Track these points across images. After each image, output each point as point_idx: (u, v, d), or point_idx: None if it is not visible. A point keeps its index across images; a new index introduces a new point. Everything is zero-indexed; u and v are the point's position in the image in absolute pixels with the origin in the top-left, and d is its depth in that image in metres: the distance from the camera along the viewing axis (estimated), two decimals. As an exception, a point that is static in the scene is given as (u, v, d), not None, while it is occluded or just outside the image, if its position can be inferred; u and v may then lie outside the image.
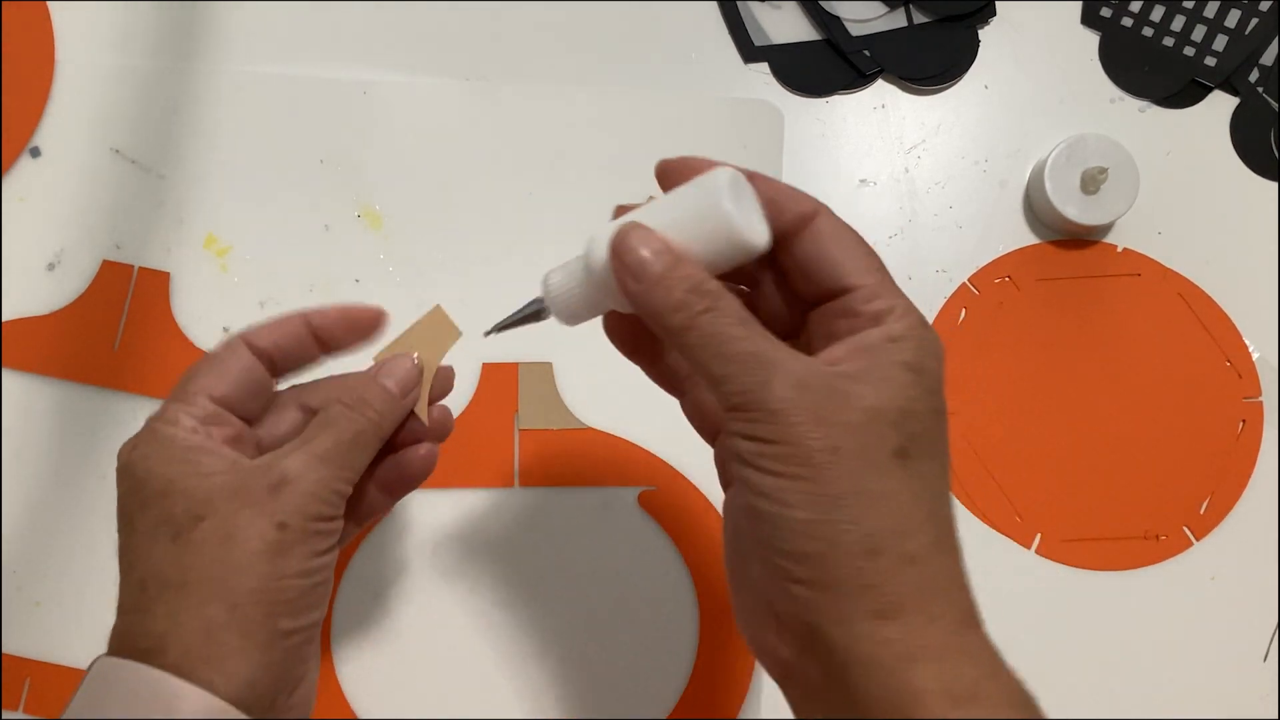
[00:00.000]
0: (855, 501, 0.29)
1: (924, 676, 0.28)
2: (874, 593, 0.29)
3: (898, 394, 0.30)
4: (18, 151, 0.54)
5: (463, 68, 0.56)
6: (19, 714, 0.50)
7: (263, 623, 0.33)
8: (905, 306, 0.31)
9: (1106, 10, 0.58)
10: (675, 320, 0.31)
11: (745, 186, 0.32)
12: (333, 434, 0.36)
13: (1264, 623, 0.53)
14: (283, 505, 0.34)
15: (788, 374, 0.29)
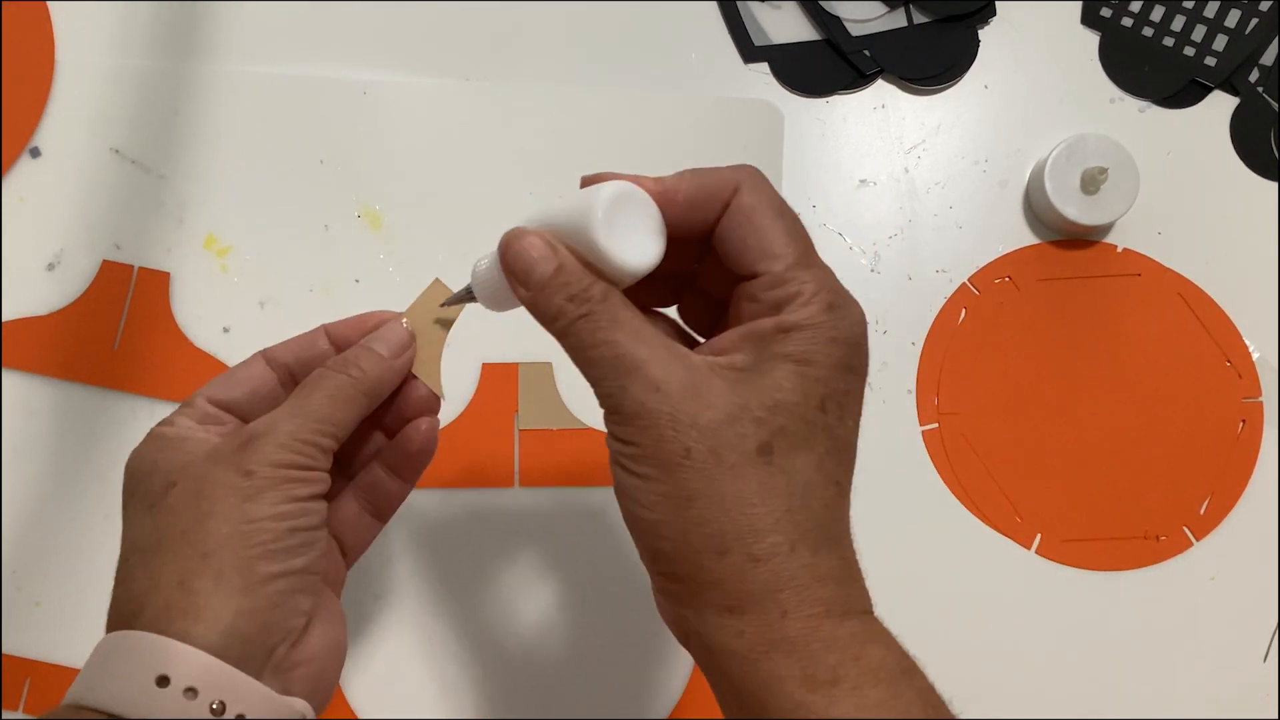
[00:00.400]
0: (703, 502, 0.29)
1: (780, 665, 0.29)
2: (722, 589, 0.30)
3: (769, 388, 0.30)
4: (18, 151, 0.54)
5: (463, 68, 0.56)
6: (19, 714, 0.50)
7: (238, 567, 0.32)
8: (812, 292, 0.31)
9: (1106, 10, 0.58)
10: (555, 327, 0.32)
11: (636, 203, 0.32)
12: (305, 393, 0.36)
13: (1264, 623, 0.53)
14: (250, 456, 0.33)
15: (645, 378, 0.30)
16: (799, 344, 0.31)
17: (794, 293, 0.31)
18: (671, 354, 0.31)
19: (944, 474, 0.54)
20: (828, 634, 0.30)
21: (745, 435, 0.30)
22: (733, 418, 0.30)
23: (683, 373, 0.30)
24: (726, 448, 0.30)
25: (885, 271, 0.55)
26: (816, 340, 0.31)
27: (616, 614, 0.51)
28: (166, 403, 0.52)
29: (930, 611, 0.51)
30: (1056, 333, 0.55)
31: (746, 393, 0.30)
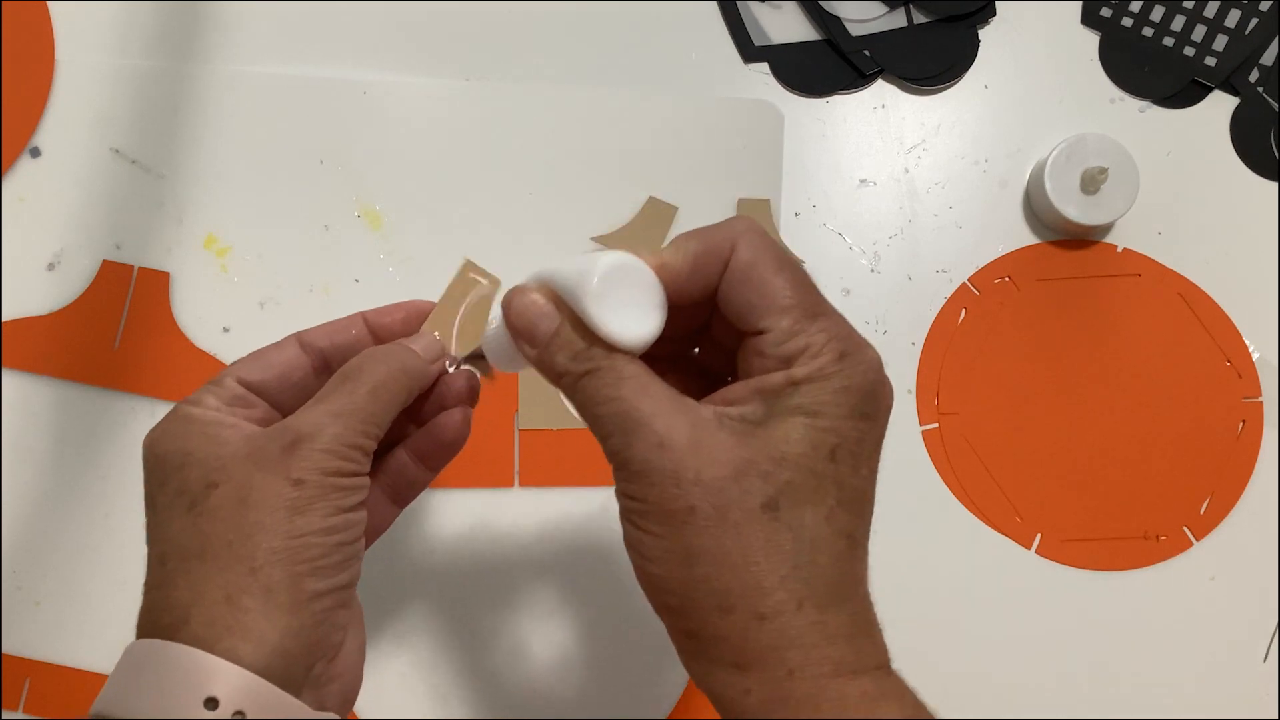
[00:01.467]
0: (708, 560, 0.29)
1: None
2: (727, 645, 0.30)
3: (775, 442, 0.30)
4: (18, 151, 0.54)
5: (463, 68, 0.56)
6: (19, 714, 0.50)
7: (287, 584, 0.31)
8: (821, 344, 0.31)
9: (1106, 10, 0.58)
10: (561, 384, 0.32)
11: (633, 276, 0.32)
12: (349, 388, 0.34)
13: (1264, 623, 0.53)
14: (298, 462, 0.32)
15: (650, 433, 0.30)
16: (809, 396, 0.30)
17: (803, 346, 0.31)
18: (678, 408, 0.30)
19: (944, 474, 0.54)
20: (836, 693, 0.29)
21: (750, 491, 0.29)
22: (738, 473, 0.29)
23: (688, 428, 0.30)
24: (731, 505, 0.29)
25: (885, 271, 0.55)
26: (826, 390, 0.30)
27: (616, 614, 0.52)
28: (166, 403, 0.52)
29: (930, 611, 0.51)
30: (1056, 333, 0.55)
31: (754, 447, 0.30)
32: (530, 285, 0.34)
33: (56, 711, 0.50)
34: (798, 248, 0.55)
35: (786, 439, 0.30)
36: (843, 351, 0.31)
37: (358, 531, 0.33)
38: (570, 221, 0.55)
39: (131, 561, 0.51)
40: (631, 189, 0.55)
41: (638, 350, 0.32)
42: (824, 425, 0.30)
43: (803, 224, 0.55)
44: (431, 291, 0.53)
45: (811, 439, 0.30)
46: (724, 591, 0.29)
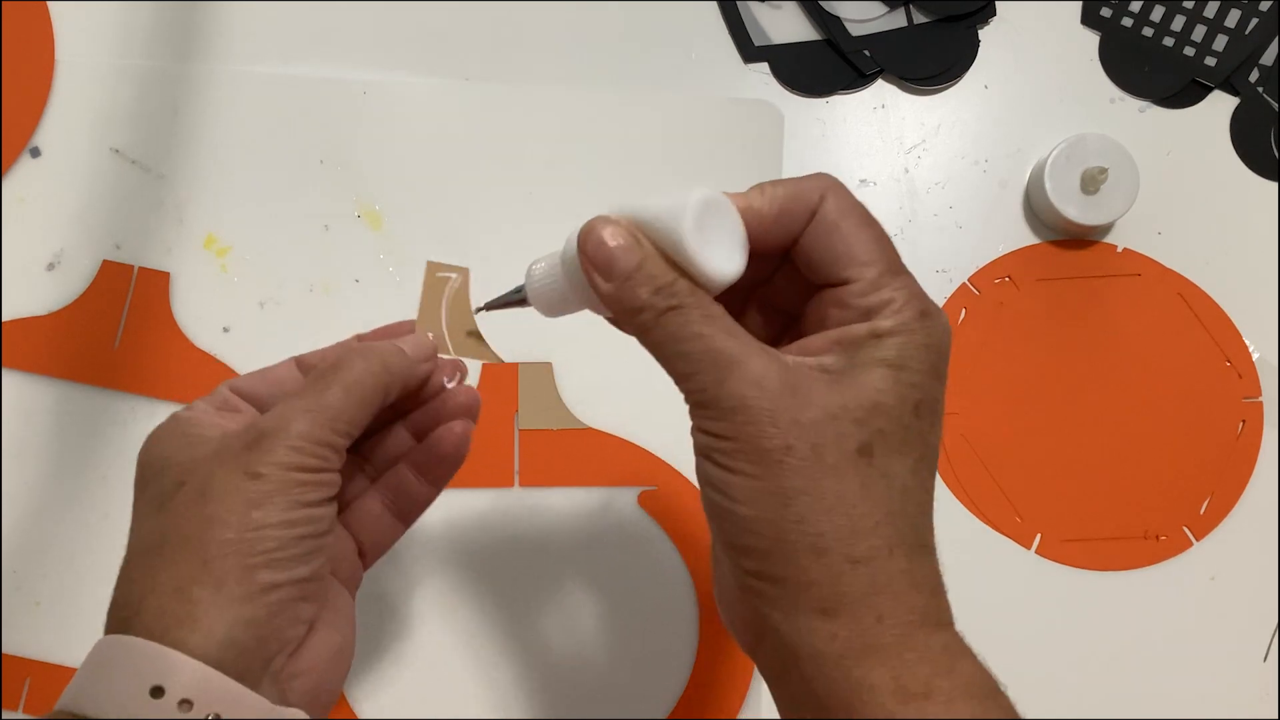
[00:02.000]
0: (804, 500, 0.29)
1: (872, 673, 0.29)
2: (817, 589, 0.29)
3: (867, 391, 0.30)
4: (18, 151, 0.54)
5: (463, 68, 0.56)
6: (19, 714, 0.50)
7: (238, 575, 0.31)
8: (904, 300, 0.31)
9: (1106, 10, 0.58)
10: (639, 319, 0.31)
11: (722, 213, 0.31)
12: (321, 384, 0.34)
13: (1264, 623, 0.53)
14: (259, 457, 0.32)
15: (746, 372, 0.29)
16: (893, 349, 0.30)
17: (887, 299, 0.31)
18: (766, 352, 0.30)
19: (944, 474, 0.54)
20: (922, 644, 0.29)
21: (846, 435, 0.29)
22: (833, 417, 0.29)
23: (780, 370, 0.30)
24: (828, 446, 0.29)
25: (885, 271, 0.55)
26: (910, 346, 0.30)
27: (617, 614, 0.51)
28: (166, 403, 0.52)
29: (930, 611, 0.51)
30: (1056, 333, 0.55)
31: (845, 394, 0.30)
32: (612, 216, 0.33)
33: (56, 711, 0.50)
34: (798, 248, 0.55)
35: (876, 389, 0.30)
36: (924, 310, 0.31)
37: (321, 526, 0.33)
38: (570, 221, 0.54)
39: (131, 561, 0.51)
40: (632, 189, 0.55)
41: (721, 288, 0.31)
42: (909, 380, 0.30)
43: (803, 224, 0.55)
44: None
45: (899, 392, 0.30)
46: (818, 534, 0.29)
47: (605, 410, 0.53)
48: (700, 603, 0.52)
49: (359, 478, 0.39)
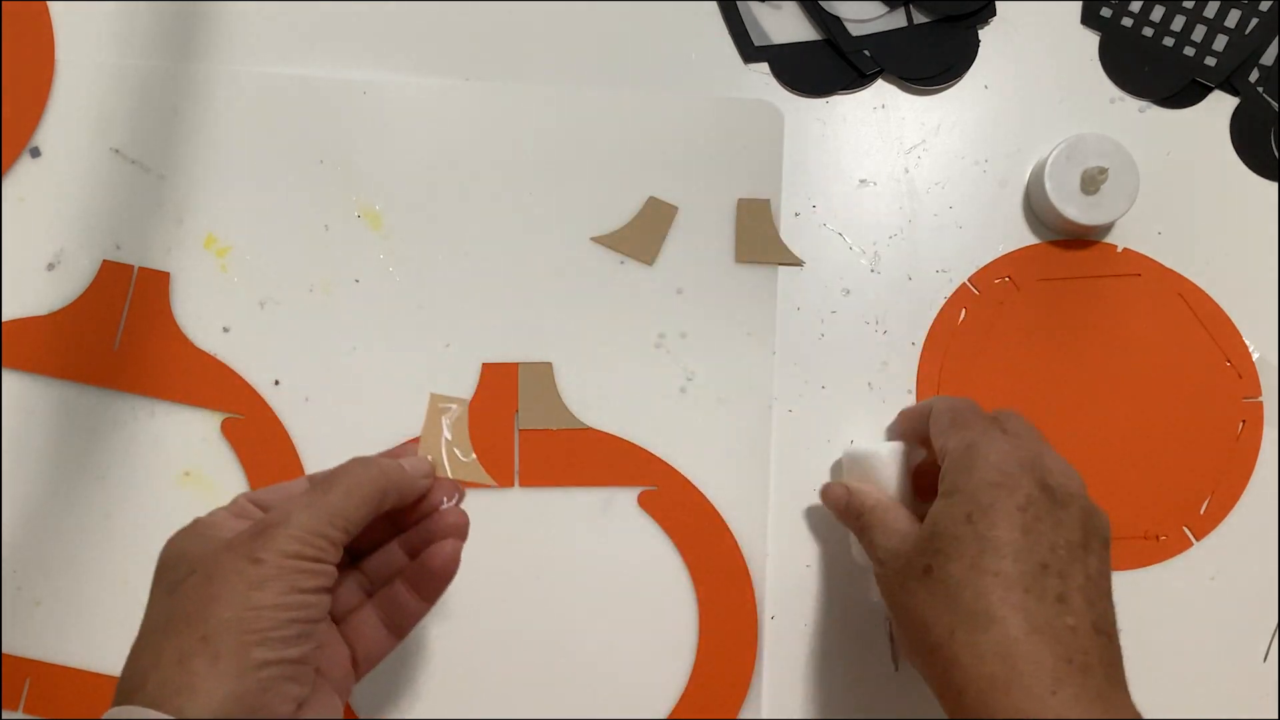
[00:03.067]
0: (896, 609, 0.42)
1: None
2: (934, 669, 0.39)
3: (929, 523, 0.41)
4: (18, 151, 0.54)
5: (463, 68, 0.56)
6: (19, 714, 0.50)
7: (234, 651, 0.34)
8: (956, 441, 0.42)
9: (1106, 10, 0.58)
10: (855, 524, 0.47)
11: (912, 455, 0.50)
12: (325, 485, 0.39)
13: (1264, 623, 0.53)
14: (262, 544, 0.36)
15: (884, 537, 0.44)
16: (946, 480, 0.41)
17: (944, 447, 0.43)
18: (901, 519, 0.44)
19: (944, 474, 0.54)
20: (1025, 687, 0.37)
21: (914, 563, 0.41)
22: (912, 550, 0.41)
23: (903, 530, 0.43)
24: (906, 571, 0.41)
25: (885, 271, 0.55)
26: (956, 471, 0.41)
27: (616, 614, 0.52)
28: (166, 403, 0.52)
29: (930, 611, 0.51)
30: (1056, 333, 0.55)
31: (919, 531, 0.42)
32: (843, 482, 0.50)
33: (56, 711, 0.50)
34: (798, 248, 0.55)
35: (934, 520, 0.41)
36: (964, 442, 0.42)
37: (316, 612, 0.36)
38: (570, 221, 0.55)
39: (132, 562, 0.51)
40: (631, 189, 0.55)
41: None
42: (963, 500, 0.40)
43: (803, 224, 0.55)
44: (430, 292, 0.53)
45: (955, 512, 0.40)
46: (909, 627, 0.41)
47: (605, 410, 0.53)
48: (700, 603, 0.52)
49: (357, 591, 0.43)
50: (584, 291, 0.54)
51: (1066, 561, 0.39)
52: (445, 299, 0.54)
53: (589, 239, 0.54)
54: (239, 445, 0.52)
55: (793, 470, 0.53)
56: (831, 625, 0.52)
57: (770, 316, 0.54)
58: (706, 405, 0.53)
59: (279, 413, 0.52)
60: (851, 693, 0.52)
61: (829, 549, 0.53)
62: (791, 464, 0.53)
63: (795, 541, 0.53)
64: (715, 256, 0.55)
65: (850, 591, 0.52)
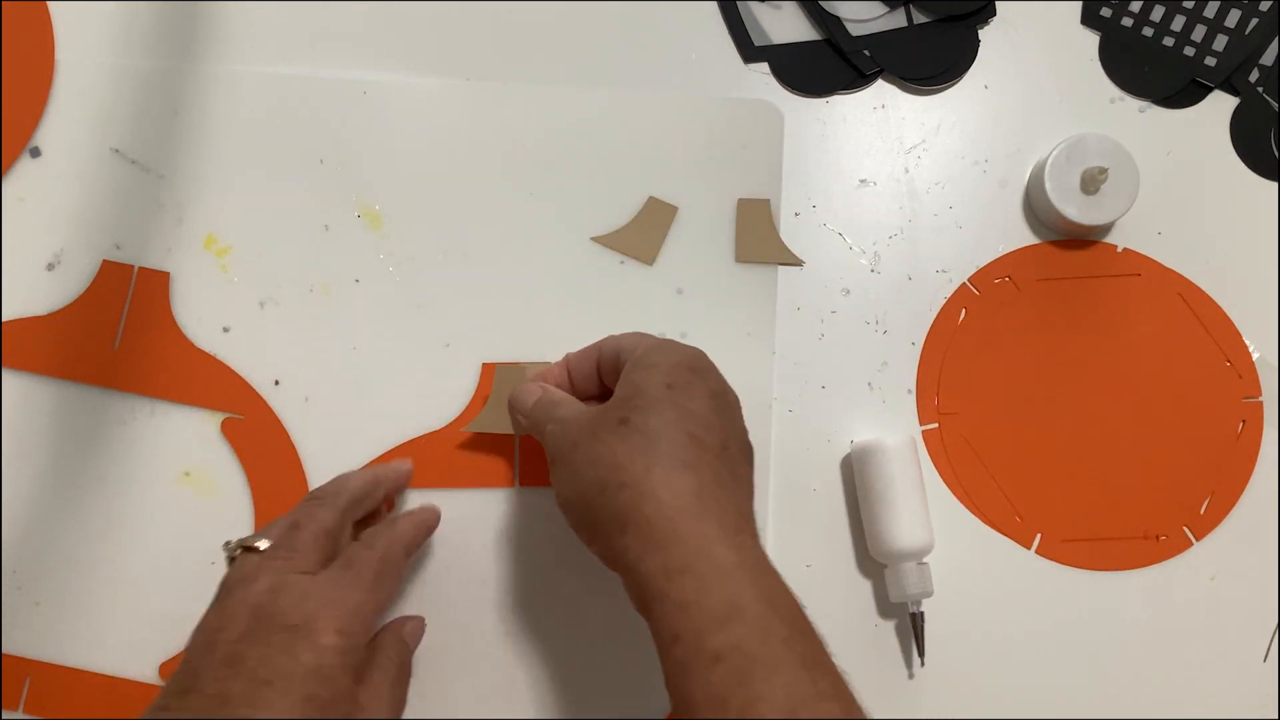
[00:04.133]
0: (579, 458, 0.42)
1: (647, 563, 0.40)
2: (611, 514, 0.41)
3: (625, 385, 0.43)
4: (18, 151, 0.54)
5: (463, 68, 0.56)
6: (19, 714, 0.50)
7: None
8: (648, 341, 0.46)
9: (1106, 10, 0.58)
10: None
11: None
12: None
13: (1264, 623, 0.53)
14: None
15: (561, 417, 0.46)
16: (641, 359, 0.44)
17: (634, 346, 0.46)
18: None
19: (944, 474, 0.54)
20: (686, 532, 0.39)
21: (609, 416, 0.42)
22: (604, 410, 0.43)
23: (585, 411, 0.45)
24: (600, 424, 0.43)
25: (885, 271, 0.55)
26: (648, 359, 0.44)
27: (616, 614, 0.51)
28: (166, 403, 0.52)
29: (931, 611, 0.51)
30: (1056, 333, 0.55)
31: (614, 393, 0.44)
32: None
33: (56, 711, 0.50)
34: (798, 248, 0.55)
35: (630, 386, 0.43)
36: (655, 343, 0.45)
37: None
38: (570, 221, 0.55)
39: (131, 562, 0.51)
40: (631, 189, 0.55)
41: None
42: (659, 378, 0.43)
43: (803, 224, 0.55)
44: (430, 292, 0.53)
45: (652, 384, 0.43)
46: (594, 465, 0.42)
47: (605, 410, 0.53)
48: (700, 603, 0.51)
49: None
50: (584, 291, 0.54)
51: (738, 454, 0.43)
52: (445, 299, 0.54)
53: (589, 239, 0.54)
54: (239, 445, 0.52)
55: (793, 470, 0.53)
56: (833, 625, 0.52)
57: (770, 316, 0.54)
58: (706, 405, 0.53)
59: (279, 413, 0.52)
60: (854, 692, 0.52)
61: (829, 549, 0.53)
62: (791, 464, 0.53)
63: (796, 541, 0.52)
64: (715, 256, 0.55)
65: (850, 591, 0.52)
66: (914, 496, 0.50)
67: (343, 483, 0.47)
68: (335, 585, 0.42)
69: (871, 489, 0.51)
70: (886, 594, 0.51)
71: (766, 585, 0.38)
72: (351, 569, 0.43)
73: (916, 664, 0.51)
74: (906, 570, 0.50)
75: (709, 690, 0.36)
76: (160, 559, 0.51)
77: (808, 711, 0.35)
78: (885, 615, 0.52)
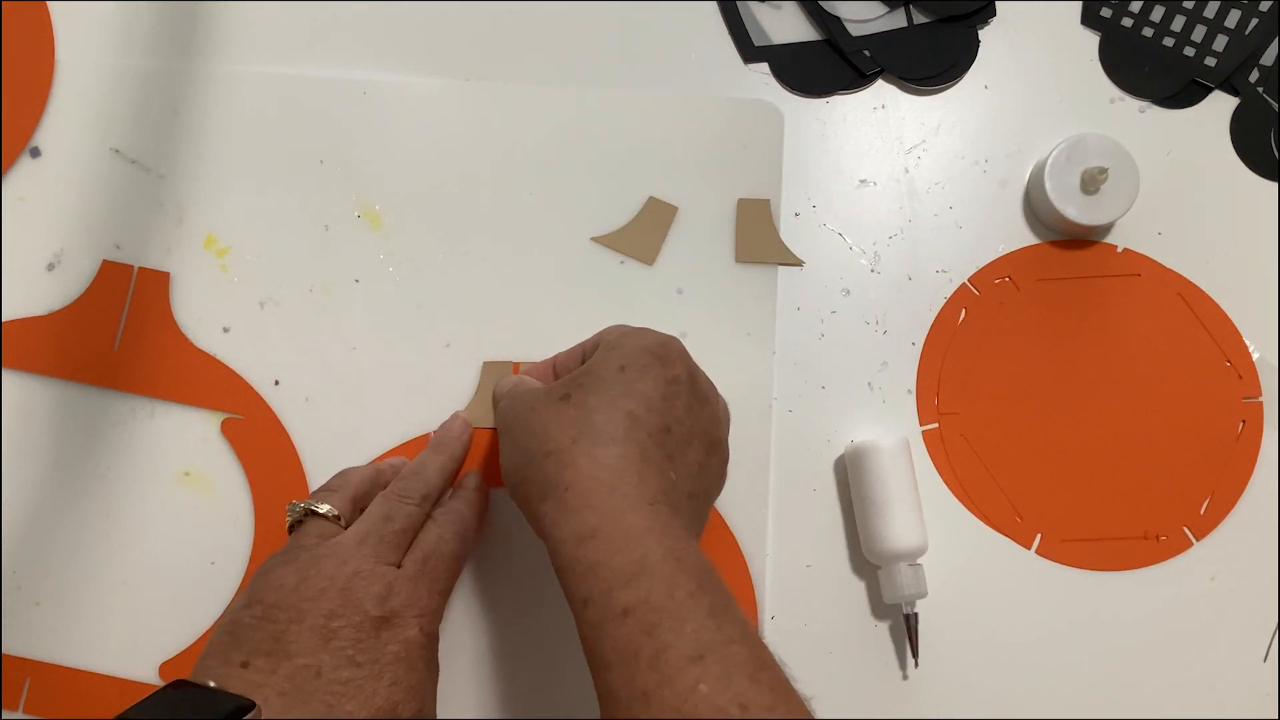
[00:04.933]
0: (516, 428, 0.45)
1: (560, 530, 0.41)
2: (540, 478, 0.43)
3: (581, 370, 0.45)
4: (18, 151, 0.54)
5: (463, 68, 0.56)
6: (19, 714, 0.50)
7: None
8: (624, 328, 0.47)
9: (1106, 10, 0.58)
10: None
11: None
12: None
13: (1264, 623, 0.53)
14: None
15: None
16: (590, 348, 0.47)
17: (611, 331, 0.47)
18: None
19: (944, 474, 0.54)
20: (602, 504, 0.40)
21: (554, 392, 0.44)
22: (551, 387, 0.45)
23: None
24: (545, 399, 0.44)
25: (885, 271, 0.55)
26: (622, 336, 0.45)
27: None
28: (166, 403, 0.52)
29: (931, 611, 0.51)
30: (1056, 333, 0.55)
31: (570, 375, 0.45)
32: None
33: (56, 711, 0.50)
34: (798, 248, 0.55)
35: (587, 364, 0.45)
36: (640, 328, 0.47)
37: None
38: (570, 221, 0.55)
39: (131, 562, 0.51)
40: (631, 189, 0.55)
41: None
42: (602, 359, 0.44)
43: (803, 224, 0.55)
44: (430, 292, 0.53)
45: (605, 359, 0.44)
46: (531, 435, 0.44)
47: (605, 410, 0.53)
48: (700, 603, 0.51)
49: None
50: (584, 291, 0.54)
51: (686, 437, 0.44)
52: (445, 299, 0.54)
53: (589, 239, 0.54)
54: (239, 445, 0.52)
55: (793, 470, 0.53)
56: (831, 625, 0.52)
57: (770, 316, 0.54)
58: (706, 405, 0.53)
59: (279, 413, 0.52)
60: (852, 693, 0.52)
61: (829, 549, 0.53)
62: (791, 464, 0.53)
63: (795, 541, 0.52)
64: (715, 256, 0.55)
65: (850, 591, 0.52)
66: (907, 498, 0.50)
67: (424, 478, 0.48)
68: (414, 585, 0.44)
69: (865, 490, 0.51)
70: (876, 584, 0.51)
71: (673, 545, 0.39)
72: (427, 567, 0.45)
73: (911, 665, 0.51)
74: (900, 571, 0.50)
75: (618, 644, 0.37)
76: (160, 559, 0.51)
77: (716, 655, 0.36)
78: (881, 616, 0.52)
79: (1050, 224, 0.55)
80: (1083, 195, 0.54)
